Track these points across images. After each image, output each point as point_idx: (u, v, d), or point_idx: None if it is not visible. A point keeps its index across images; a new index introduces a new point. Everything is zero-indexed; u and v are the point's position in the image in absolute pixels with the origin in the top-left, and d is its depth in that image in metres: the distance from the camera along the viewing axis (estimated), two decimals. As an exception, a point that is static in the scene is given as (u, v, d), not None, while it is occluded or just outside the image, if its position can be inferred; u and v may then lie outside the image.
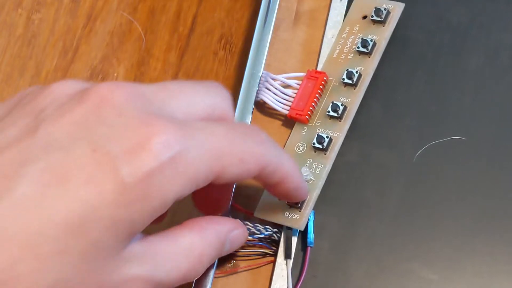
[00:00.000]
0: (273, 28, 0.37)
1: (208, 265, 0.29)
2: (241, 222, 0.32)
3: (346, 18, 0.37)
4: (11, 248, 0.23)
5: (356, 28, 0.36)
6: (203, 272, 0.29)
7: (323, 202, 0.33)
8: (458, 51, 0.36)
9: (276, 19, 0.37)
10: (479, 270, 0.31)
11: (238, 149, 0.27)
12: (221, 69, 0.42)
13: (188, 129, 0.26)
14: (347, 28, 0.37)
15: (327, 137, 0.34)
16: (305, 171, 0.33)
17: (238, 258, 0.33)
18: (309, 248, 0.32)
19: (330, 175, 0.33)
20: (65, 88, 0.26)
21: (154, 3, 0.43)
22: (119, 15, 0.43)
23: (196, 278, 0.29)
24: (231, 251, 0.31)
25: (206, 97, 0.28)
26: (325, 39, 0.37)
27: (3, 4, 0.43)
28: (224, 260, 0.33)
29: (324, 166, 0.33)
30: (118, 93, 0.25)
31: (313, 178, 0.33)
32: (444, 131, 0.34)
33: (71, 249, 0.23)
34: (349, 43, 0.36)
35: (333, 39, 0.37)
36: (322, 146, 0.33)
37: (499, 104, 0.35)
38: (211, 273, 0.32)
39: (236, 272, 0.33)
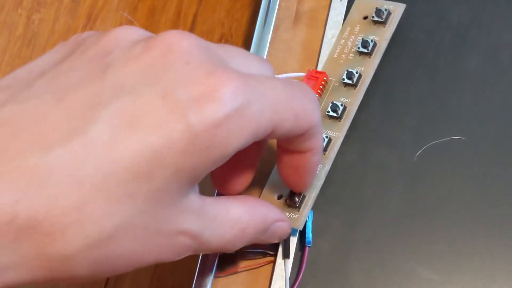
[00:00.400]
0: (273, 28, 0.37)
1: (245, 244, 0.29)
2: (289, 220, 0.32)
3: (347, 19, 0.37)
4: (81, 189, 0.23)
5: (357, 28, 0.36)
6: (238, 248, 0.29)
7: (323, 202, 0.33)
8: (458, 51, 0.36)
9: (276, 19, 0.37)
10: (480, 270, 0.31)
11: (294, 105, 0.27)
12: (221, 69, 0.42)
13: (251, 80, 0.26)
14: (348, 28, 0.37)
15: (326, 137, 0.34)
16: None
17: (238, 258, 0.33)
18: (307, 248, 0.32)
19: (330, 174, 0.33)
20: (129, 33, 0.26)
21: (154, 3, 0.43)
22: (119, 15, 0.43)
23: (230, 252, 0.29)
24: (269, 241, 0.31)
25: (259, 64, 0.29)
26: (325, 39, 0.37)
27: (3, 4, 0.43)
28: (224, 260, 0.33)
29: (323, 166, 0.33)
30: (185, 42, 0.25)
31: None
32: (444, 131, 0.34)
33: (138, 193, 0.24)
34: (349, 43, 0.36)
35: (333, 39, 0.37)
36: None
37: (499, 104, 0.35)
38: (211, 273, 0.32)
39: (236, 272, 0.33)
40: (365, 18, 0.37)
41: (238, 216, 0.28)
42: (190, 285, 0.32)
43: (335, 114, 0.34)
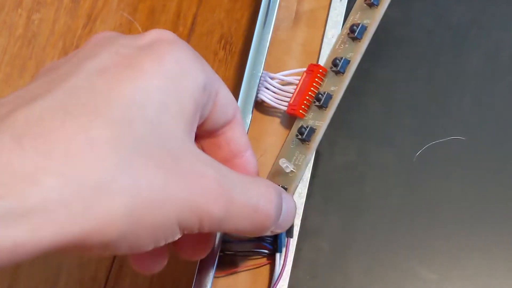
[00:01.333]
0: (273, 28, 0.37)
1: (274, 216, 0.28)
2: None
3: (353, 8, 0.36)
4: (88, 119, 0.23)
5: (357, 16, 0.36)
6: (271, 221, 0.28)
7: (323, 202, 0.33)
8: (458, 51, 0.36)
9: (276, 19, 0.37)
10: (479, 270, 0.31)
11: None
12: (221, 69, 0.42)
13: None
14: (351, 17, 0.36)
15: (306, 127, 0.33)
16: (282, 162, 0.32)
17: (238, 258, 0.33)
18: (289, 240, 0.32)
19: (330, 174, 0.33)
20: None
21: (154, 3, 0.43)
22: (119, 15, 0.43)
23: (264, 227, 0.28)
24: (287, 220, 0.30)
25: None
26: (325, 39, 0.37)
27: (3, 4, 0.43)
28: (224, 260, 0.33)
29: (305, 156, 0.33)
30: (109, 31, 0.28)
31: (294, 170, 0.33)
32: (444, 131, 0.34)
33: (135, 118, 0.24)
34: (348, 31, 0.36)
35: (333, 39, 0.37)
36: (302, 136, 0.33)
37: (499, 104, 0.35)
38: (211, 273, 0.32)
39: (236, 272, 0.33)
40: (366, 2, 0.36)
41: (255, 179, 0.28)
42: (190, 285, 0.32)
43: (318, 103, 0.33)
